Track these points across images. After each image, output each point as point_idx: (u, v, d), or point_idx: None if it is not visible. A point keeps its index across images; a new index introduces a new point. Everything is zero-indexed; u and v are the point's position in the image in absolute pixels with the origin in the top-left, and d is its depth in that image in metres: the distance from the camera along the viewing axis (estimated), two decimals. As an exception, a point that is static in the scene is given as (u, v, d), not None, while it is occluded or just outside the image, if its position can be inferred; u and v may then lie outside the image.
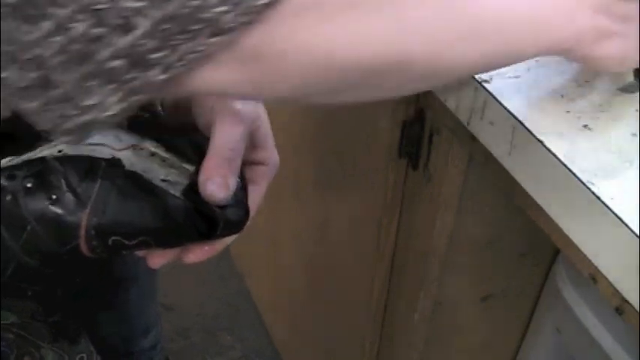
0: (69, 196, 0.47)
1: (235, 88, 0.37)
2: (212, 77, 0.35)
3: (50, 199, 0.47)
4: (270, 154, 0.54)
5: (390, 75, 0.39)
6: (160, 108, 0.53)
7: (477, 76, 0.57)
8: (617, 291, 0.48)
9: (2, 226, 0.47)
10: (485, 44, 0.40)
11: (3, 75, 0.33)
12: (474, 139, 0.60)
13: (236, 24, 0.33)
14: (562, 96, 0.55)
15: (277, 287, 1.43)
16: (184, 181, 0.48)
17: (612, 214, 0.46)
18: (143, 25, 0.31)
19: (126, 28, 0.31)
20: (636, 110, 0.54)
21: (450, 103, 0.61)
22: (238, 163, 0.48)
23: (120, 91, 0.33)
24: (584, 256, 0.50)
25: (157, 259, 0.51)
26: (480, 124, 0.58)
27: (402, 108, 0.73)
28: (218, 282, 1.69)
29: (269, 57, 0.35)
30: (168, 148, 0.50)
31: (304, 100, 0.42)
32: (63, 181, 0.47)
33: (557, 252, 0.85)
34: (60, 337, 0.57)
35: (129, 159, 0.49)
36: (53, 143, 0.49)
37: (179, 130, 0.53)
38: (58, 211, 0.47)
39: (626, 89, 0.57)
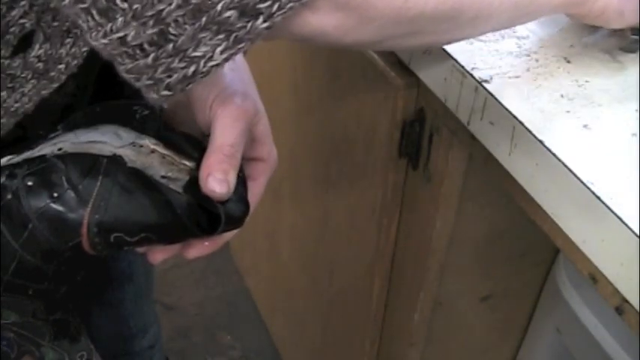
0: (70, 194, 0.47)
1: (326, 33, 0.41)
2: (308, 23, 0.40)
3: (52, 197, 0.47)
4: (269, 150, 0.54)
5: (447, 22, 0.44)
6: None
7: (476, 76, 0.57)
8: (617, 291, 0.48)
9: (3, 224, 0.47)
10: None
11: (122, 33, 0.36)
12: (474, 139, 0.60)
13: None
14: (562, 96, 0.55)
15: (277, 287, 1.43)
16: (184, 178, 0.48)
17: (612, 214, 0.46)
18: None
19: None
20: (636, 110, 0.54)
21: (450, 103, 0.61)
22: (238, 158, 0.48)
23: (226, 40, 0.37)
24: (584, 256, 0.50)
25: (158, 254, 0.51)
26: (480, 124, 0.58)
27: (402, 108, 0.73)
28: (218, 281, 1.69)
29: (357, 4, 0.40)
30: (168, 145, 0.50)
31: (379, 44, 0.46)
32: (64, 178, 0.47)
33: (557, 252, 0.85)
34: (60, 335, 0.57)
35: (129, 156, 0.49)
36: (53, 141, 0.49)
37: (178, 126, 0.53)
38: (60, 208, 0.47)
39: (627, 48, 0.59)
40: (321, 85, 0.95)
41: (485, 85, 0.56)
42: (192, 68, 0.37)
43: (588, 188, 0.48)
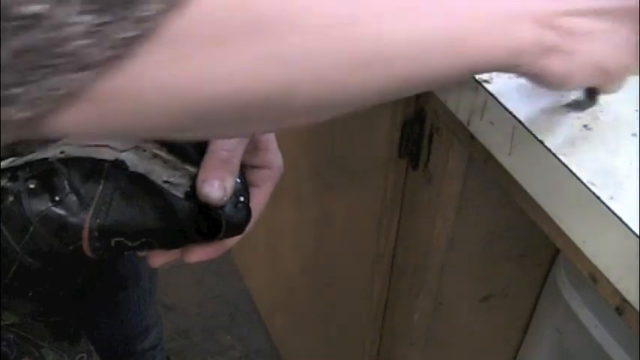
0: (72, 198, 0.47)
1: (85, 129, 0.33)
2: (62, 119, 0.31)
3: (53, 200, 0.47)
4: (273, 157, 0.54)
5: (269, 109, 0.34)
6: None
7: (477, 76, 0.57)
8: (617, 291, 0.48)
9: (4, 226, 0.47)
10: (392, 70, 0.36)
11: None
12: (473, 139, 0.60)
13: (103, 58, 0.29)
14: (562, 96, 0.55)
15: (277, 287, 1.43)
16: (187, 183, 0.48)
17: (612, 214, 0.46)
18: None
19: None
20: (636, 110, 0.54)
21: (450, 103, 0.61)
22: (236, 164, 0.48)
23: None
24: (584, 256, 0.50)
25: (159, 258, 0.51)
26: (480, 124, 0.58)
27: (402, 108, 0.73)
28: (218, 282, 1.69)
29: (124, 96, 0.31)
30: (171, 150, 0.50)
31: (171, 135, 0.38)
32: (66, 182, 0.47)
33: (557, 252, 0.85)
34: (60, 337, 0.57)
35: (131, 160, 0.49)
36: (56, 144, 0.49)
37: None
38: (61, 212, 0.47)
39: (572, 106, 0.53)
40: (320, 85, 0.95)
41: (486, 85, 0.56)
42: None
43: (588, 188, 0.48)
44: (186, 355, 1.56)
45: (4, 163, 0.48)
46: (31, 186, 0.47)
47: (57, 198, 0.47)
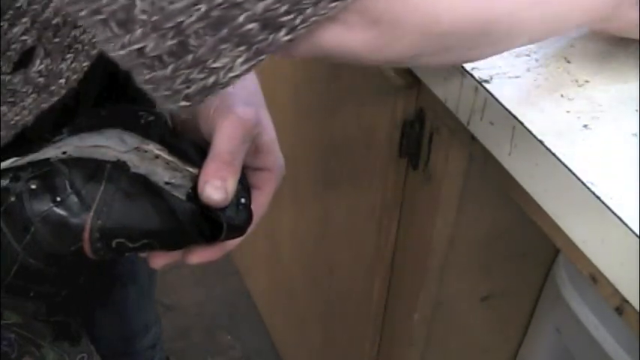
0: (73, 199, 0.47)
1: (355, 50, 0.40)
2: (336, 39, 0.38)
3: (55, 201, 0.47)
4: (275, 159, 0.54)
5: (478, 37, 0.43)
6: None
7: (477, 76, 0.57)
8: (617, 291, 0.48)
9: (6, 226, 0.47)
10: (549, 11, 0.46)
11: (140, 45, 0.35)
12: (474, 139, 0.60)
13: None
14: (562, 96, 0.55)
15: (277, 287, 1.43)
16: (188, 184, 0.48)
17: (612, 214, 0.46)
18: None
19: None
20: (636, 110, 0.54)
21: (450, 103, 0.61)
22: (237, 166, 0.48)
23: (247, 52, 0.36)
24: (584, 256, 0.50)
25: (159, 259, 0.51)
26: (480, 124, 0.58)
27: (402, 108, 0.73)
28: (218, 282, 1.69)
29: (388, 20, 0.39)
30: (172, 151, 0.50)
31: (409, 62, 0.45)
32: (67, 183, 0.47)
33: (557, 252, 0.85)
34: (61, 336, 0.57)
35: (133, 161, 0.48)
36: (57, 145, 0.49)
37: (184, 133, 0.53)
38: (63, 213, 0.47)
39: None
40: (321, 85, 0.95)
41: (486, 85, 0.56)
42: (211, 79, 0.37)
43: (588, 188, 0.48)
44: (186, 355, 1.56)
45: (6, 164, 0.48)
46: (33, 186, 0.47)
47: (58, 199, 0.47)
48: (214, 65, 0.36)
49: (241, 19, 0.34)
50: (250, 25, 0.35)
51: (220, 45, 0.35)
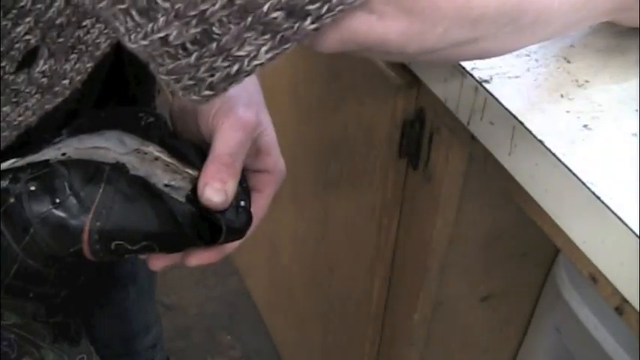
0: (72, 200, 0.47)
1: (387, 39, 0.39)
2: (366, 28, 0.38)
3: (54, 202, 0.47)
4: (275, 161, 0.54)
5: (508, 24, 0.43)
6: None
7: (476, 76, 0.57)
8: (617, 291, 0.48)
9: (5, 228, 0.47)
10: (571, 3, 0.46)
11: (163, 33, 0.35)
12: (473, 139, 0.60)
13: None
14: (562, 96, 0.55)
15: (277, 287, 1.43)
16: (188, 186, 0.48)
17: (612, 214, 0.46)
18: None
19: None
20: (636, 110, 0.54)
21: (450, 103, 0.61)
22: (237, 168, 0.48)
23: (272, 40, 0.36)
24: (584, 256, 0.50)
25: (159, 261, 0.51)
26: (480, 124, 0.58)
27: (402, 108, 0.73)
28: (218, 282, 1.69)
29: (422, 7, 0.38)
30: (172, 153, 0.50)
31: (441, 53, 0.44)
32: (67, 185, 0.47)
33: (557, 252, 0.85)
34: (60, 337, 0.57)
35: (132, 163, 0.48)
36: (57, 146, 0.49)
37: (184, 135, 0.53)
38: (62, 214, 0.47)
39: None
40: (321, 85, 0.95)
41: (485, 85, 0.56)
42: (235, 67, 0.37)
43: (588, 188, 0.48)
44: (186, 355, 1.56)
45: (5, 165, 0.48)
46: (32, 188, 0.47)
47: (57, 200, 0.47)
48: (239, 53, 0.36)
49: (266, 7, 0.34)
50: (275, 14, 0.35)
51: (245, 33, 0.35)
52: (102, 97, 0.55)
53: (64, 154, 0.48)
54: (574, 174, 0.49)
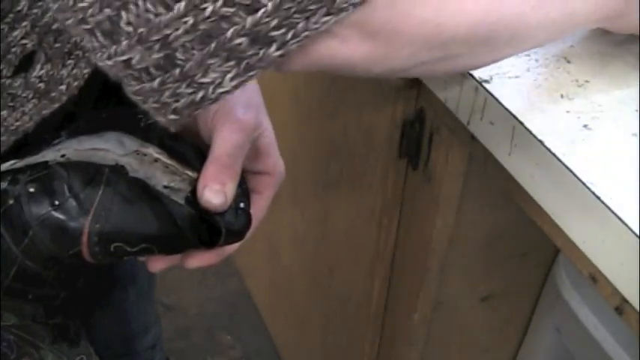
0: (72, 202, 0.47)
1: (353, 63, 0.39)
2: (332, 53, 0.38)
3: (53, 204, 0.46)
4: (275, 163, 0.54)
5: (481, 45, 0.42)
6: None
7: (476, 76, 0.57)
8: (617, 291, 0.48)
9: (4, 229, 0.47)
10: (554, 13, 0.45)
11: (126, 57, 0.34)
12: (473, 139, 0.60)
13: (349, 4, 0.35)
14: (562, 96, 0.55)
15: (277, 287, 1.43)
16: (187, 188, 0.48)
17: (612, 214, 0.46)
18: (270, 2, 0.33)
19: (253, 7, 0.33)
20: (636, 110, 0.54)
21: (450, 103, 0.61)
22: (237, 170, 0.48)
23: (237, 67, 0.35)
24: (584, 256, 0.50)
25: (158, 263, 0.51)
26: (480, 124, 0.58)
27: (402, 108, 0.73)
28: (218, 282, 1.69)
29: (387, 32, 0.37)
30: (172, 154, 0.50)
31: (410, 72, 0.44)
32: (66, 186, 0.47)
33: (557, 252, 0.85)
34: (60, 338, 0.57)
35: (131, 165, 0.48)
36: (56, 148, 0.49)
37: (183, 136, 0.53)
38: (61, 216, 0.46)
39: None
40: (321, 86, 0.95)
41: (486, 85, 0.56)
42: (200, 94, 0.36)
43: (588, 188, 0.48)
44: (186, 355, 1.56)
45: (5, 166, 0.48)
46: (31, 190, 0.47)
47: (57, 202, 0.46)
48: (203, 80, 0.35)
49: (229, 33, 0.34)
50: (239, 40, 0.34)
51: (208, 59, 0.34)
52: (101, 98, 0.55)
53: (63, 156, 0.48)
54: (574, 174, 0.49)
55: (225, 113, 0.49)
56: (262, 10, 0.33)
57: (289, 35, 0.34)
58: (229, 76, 0.35)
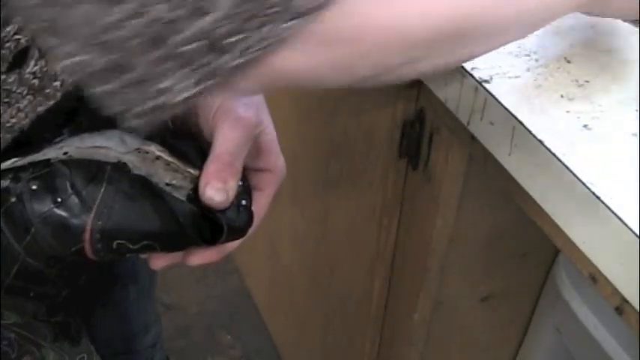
0: (74, 200, 0.47)
1: (315, 74, 0.38)
2: (291, 64, 0.36)
3: (55, 202, 0.47)
4: (276, 160, 0.54)
5: (452, 44, 0.41)
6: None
7: (476, 76, 0.57)
8: (617, 291, 0.48)
9: (6, 227, 0.47)
10: (531, 1, 0.43)
11: (79, 58, 0.33)
12: (473, 139, 0.60)
13: (311, 7, 0.33)
14: (562, 96, 0.55)
15: (277, 287, 1.43)
16: (189, 186, 0.48)
17: (612, 214, 0.46)
18: (221, 8, 0.32)
19: (202, 11, 0.32)
20: (636, 110, 0.54)
21: (450, 103, 0.61)
22: (238, 167, 0.48)
23: (194, 75, 0.34)
24: (584, 256, 0.50)
25: (159, 261, 0.51)
26: (480, 124, 0.58)
27: (402, 108, 0.73)
28: (218, 281, 1.69)
29: (347, 39, 0.36)
30: (173, 152, 0.50)
31: (379, 78, 0.42)
32: (68, 184, 0.47)
33: (557, 252, 0.85)
34: (61, 336, 0.58)
35: (133, 162, 0.48)
36: (58, 145, 0.49)
37: (184, 134, 0.53)
38: (63, 214, 0.47)
39: None
40: (321, 85, 0.95)
41: (485, 85, 0.56)
42: (159, 100, 0.35)
43: (588, 188, 0.48)
44: (186, 355, 1.56)
45: (7, 164, 0.48)
46: (34, 187, 0.47)
47: (59, 199, 0.47)
48: (161, 85, 0.34)
49: (180, 37, 0.32)
50: (191, 46, 0.33)
51: (160, 65, 0.33)
52: None
53: (65, 154, 0.48)
54: (574, 174, 0.49)
55: (226, 111, 0.49)
56: (214, 15, 0.32)
57: (243, 45, 0.33)
58: (186, 83, 0.34)
